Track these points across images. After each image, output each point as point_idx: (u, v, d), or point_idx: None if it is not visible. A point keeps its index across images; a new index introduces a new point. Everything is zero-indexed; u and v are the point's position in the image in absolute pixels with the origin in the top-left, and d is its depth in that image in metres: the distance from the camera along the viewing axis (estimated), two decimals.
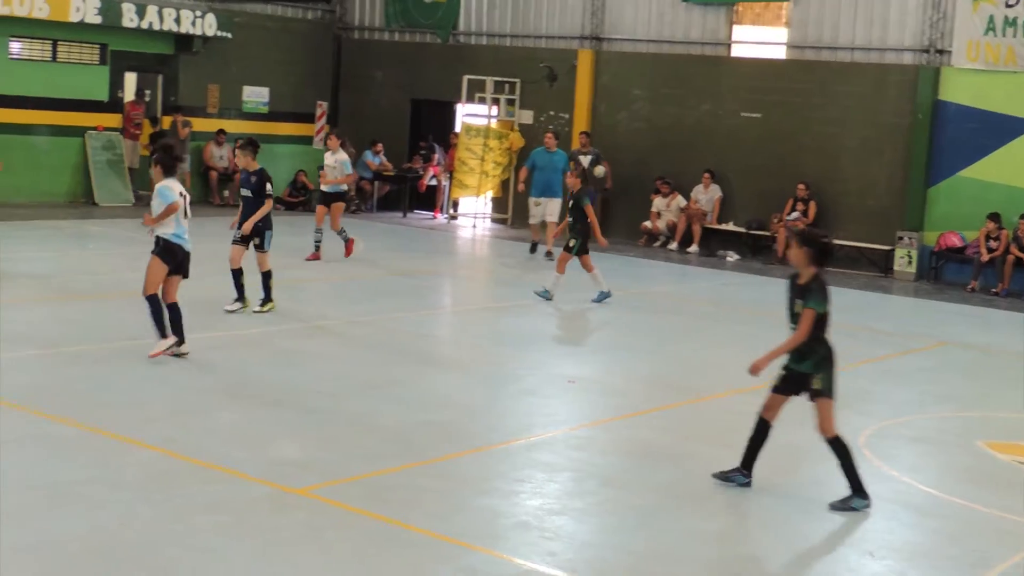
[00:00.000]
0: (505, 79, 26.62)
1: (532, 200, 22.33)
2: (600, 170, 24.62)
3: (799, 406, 10.52)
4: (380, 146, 27.82)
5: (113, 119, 25.56)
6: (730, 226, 24.34)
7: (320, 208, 19.26)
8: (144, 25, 24.89)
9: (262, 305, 14.52)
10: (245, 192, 14.57)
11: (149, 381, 11.10)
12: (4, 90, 22.36)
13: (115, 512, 7.66)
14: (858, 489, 8.76)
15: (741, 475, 9.06)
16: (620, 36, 25.88)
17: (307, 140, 29.01)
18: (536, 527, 7.94)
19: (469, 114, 26.91)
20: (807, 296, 8.68)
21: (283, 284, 16.56)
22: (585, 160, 24.67)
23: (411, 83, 28.48)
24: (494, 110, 26.54)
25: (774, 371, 8.98)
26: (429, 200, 27.93)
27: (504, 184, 26.67)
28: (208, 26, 25.92)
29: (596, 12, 25.97)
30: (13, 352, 11.74)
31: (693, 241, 24.26)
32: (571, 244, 16.70)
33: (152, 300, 11.68)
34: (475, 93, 26.56)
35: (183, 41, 26.18)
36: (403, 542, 7.55)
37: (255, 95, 28.08)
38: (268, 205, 14.33)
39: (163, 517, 7.64)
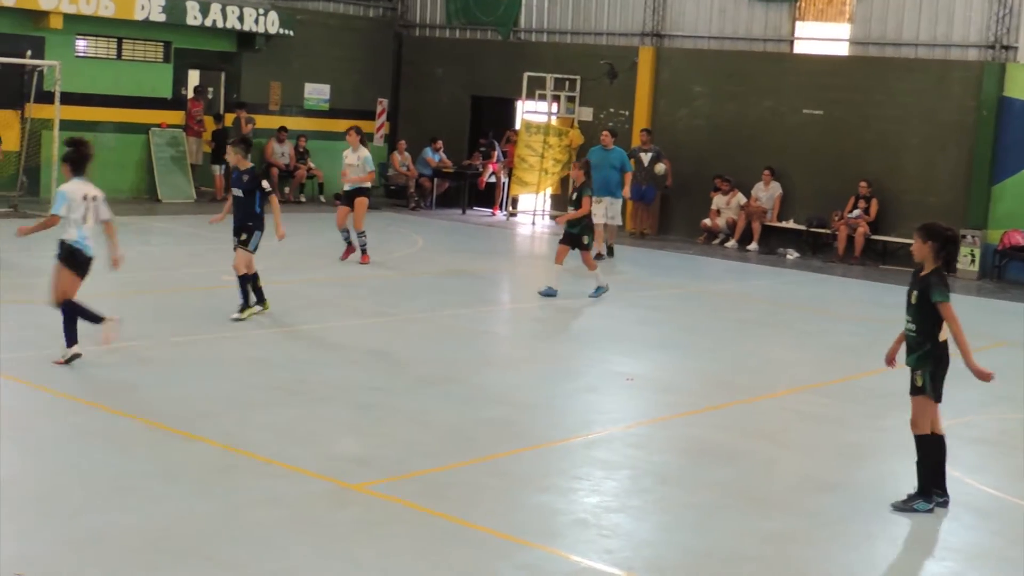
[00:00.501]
0: (565, 76, 26.59)
1: (593, 200, 21.57)
2: (661, 167, 24.56)
3: (864, 404, 10.48)
4: (440, 143, 27.88)
5: (176, 116, 25.82)
6: (790, 224, 24.18)
7: (342, 209, 18.39)
8: (207, 23, 25.12)
9: (241, 311, 13.60)
10: (236, 192, 13.79)
11: (207, 376, 11.19)
12: (70, 88, 22.61)
13: (174, 506, 7.72)
14: (925, 492, 8.64)
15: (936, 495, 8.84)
16: (681, 33, 25.78)
17: (368, 137, 29.08)
18: (594, 524, 7.92)
19: (529, 111, 26.91)
20: (931, 289, 8.51)
21: (340, 280, 16.64)
22: (646, 157, 24.63)
23: (471, 80, 28.53)
24: (554, 107, 26.52)
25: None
26: (488, 197, 27.96)
27: (564, 181, 26.63)
28: (270, 24, 26.11)
29: (657, 9, 25.88)
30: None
31: (753, 239, 24.12)
32: (585, 240, 16.79)
33: (66, 306, 11.11)
34: (535, 90, 26.55)
35: (246, 39, 26.39)
36: (461, 539, 7.55)
37: (316, 92, 28.25)
38: (275, 202, 13.80)
39: (222, 511, 7.70)
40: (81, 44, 24.42)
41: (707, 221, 24.81)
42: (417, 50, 29.60)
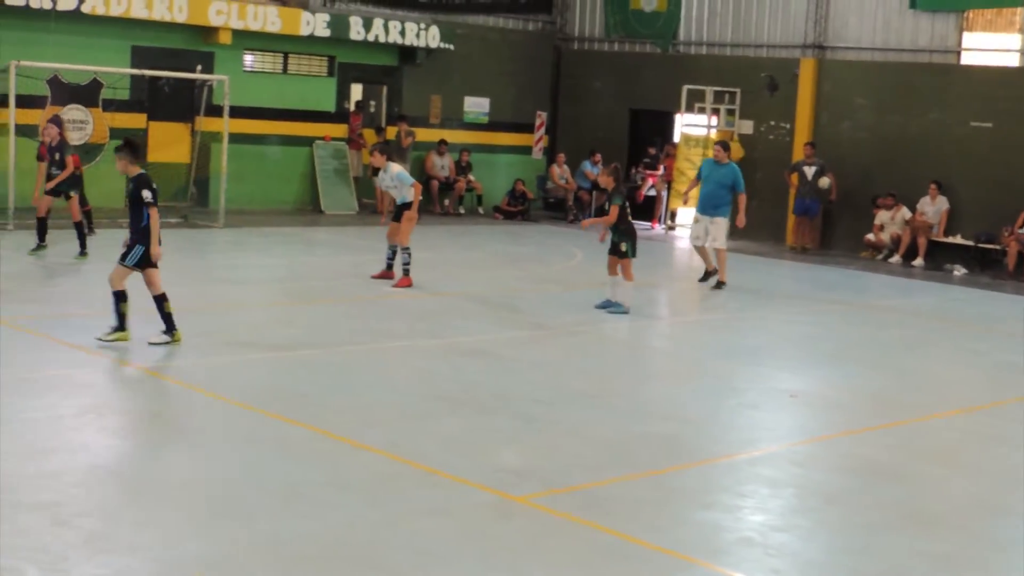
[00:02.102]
0: (725, 89, 26.39)
1: (694, 215, 19.41)
2: (825, 181, 24.23)
3: None
4: (598, 156, 27.85)
5: (340, 129, 26.26)
6: (957, 239, 23.59)
7: (393, 224, 16.95)
8: (370, 38, 25.53)
9: (167, 332, 12.19)
10: (128, 203, 12.37)
11: (374, 385, 11.35)
12: (238, 102, 23.16)
13: (342, 514, 7.84)
14: None
15: None
16: (844, 44, 25.38)
17: (526, 150, 29.29)
18: (760, 543, 7.82)
19: (688, 124, 26.77)
20: None
21: (498, 292, 16.70)
22: (810, 171, 24.34)
23: (630, 93, 28.47)
24: (713, 120, 26.33)
25: None
26: (647, 210, 27.84)
27: None
28: (431, 38, 26.43)
29: (820, 20, 25.53)
30: (245, 355, 12.17)
31: (918, 254, 23.60)
32: (623, 248, 15.73)
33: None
34: (694, 103, 26.42)
35: (407, 53, 26.75)
36: (624, 554, 7.52)
37: (476, 105, 28.49)
38: (154, 215, 11.98)
39: (388, 520, 7.78)
40: (248, 59, 25.02)
41: (871, 236, 24.36)
42: (576, 63, 29.66)
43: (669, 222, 27.32)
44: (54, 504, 7.59)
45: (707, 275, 19.03)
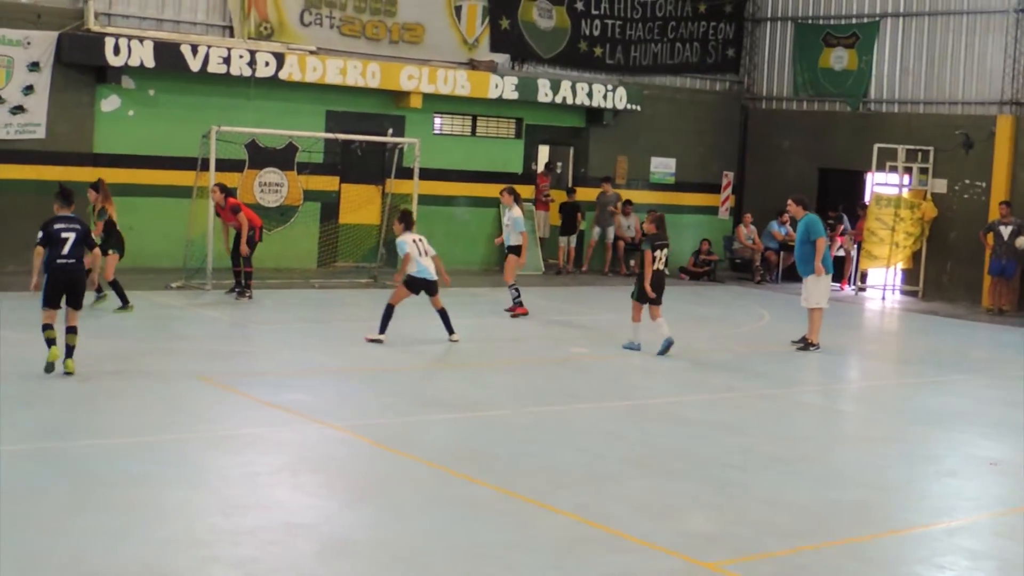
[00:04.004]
0: (917, 147, 25.84)
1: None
2: (1022, 241, 23.49)
3: None
4: (786, 216, 27.48)
5: (527, 190, 26.45)
6: None
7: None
8: (557, 100, 25.75)
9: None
10: None
11: (561, 447, 11.31)
12: (427, 164, 23.53)
13: None
14: None
15: None
16: None
17: (713, 210, 29.12)
18: None
19: (880, 183, 26.27)
20: None
21: (688, 354, 16.53)
22: (1005, 231, 23.64)
23: (819, 152, 28.10)
24: (906, 179, 25.80)
25: None
26: (836, 271, 27.28)
27: (915, 255, 25.86)
28: (619, 99, 26.54)
29: (1017, 76, 24.84)
30: (435, 415, 12.28)
31: None
32: (632, 291, 16.66)
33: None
34: (886, 162, 25.92)
35: (594, 114, 26.91)
36: None
37: (662, 166, 28.46)
38: (36, 252, 12.63)
39: None
40: (438, 122, 25.45)
41: None
42: (764, 122, 29.42)
43: (859, 283, 26.78)
44: (250, 560, 7.74)
45: (805, 343, 17.73)
